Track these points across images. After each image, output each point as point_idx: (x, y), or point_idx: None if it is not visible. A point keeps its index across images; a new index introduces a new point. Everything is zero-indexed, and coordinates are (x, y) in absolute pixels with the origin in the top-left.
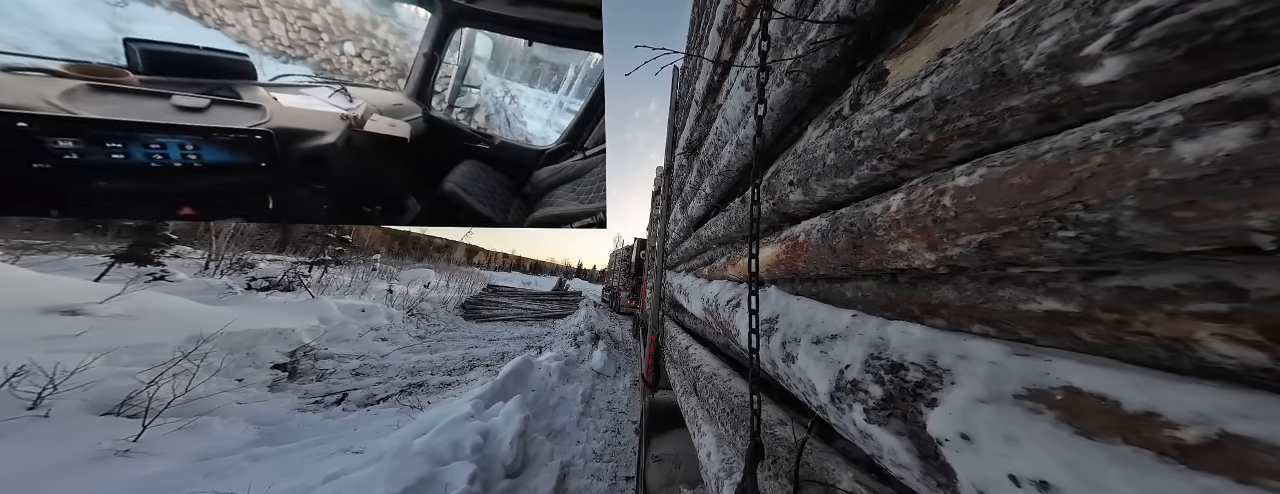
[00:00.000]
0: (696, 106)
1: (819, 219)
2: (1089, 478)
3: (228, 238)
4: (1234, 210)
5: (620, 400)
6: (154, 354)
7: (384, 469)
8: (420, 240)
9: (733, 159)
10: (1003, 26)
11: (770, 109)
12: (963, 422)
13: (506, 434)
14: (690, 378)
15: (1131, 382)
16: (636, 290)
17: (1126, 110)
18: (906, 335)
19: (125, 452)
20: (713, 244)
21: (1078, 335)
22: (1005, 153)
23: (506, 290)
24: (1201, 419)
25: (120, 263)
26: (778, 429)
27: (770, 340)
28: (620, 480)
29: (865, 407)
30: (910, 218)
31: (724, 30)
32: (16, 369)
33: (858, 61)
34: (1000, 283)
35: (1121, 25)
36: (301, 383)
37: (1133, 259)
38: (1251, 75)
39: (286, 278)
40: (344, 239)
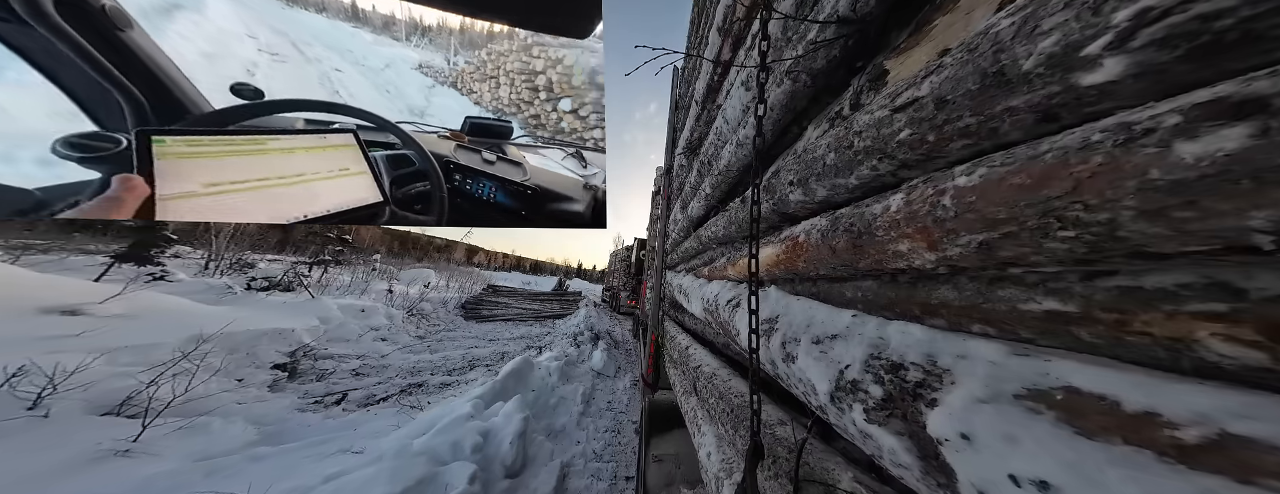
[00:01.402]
0: (696, 106)
1: (819, 219)
2: (1089, 478)
3: (227, 238)
4: (1234, 210)
5: (620, 400)
6: (154, 354)
7: (384, 469)
8: (420, 240)
9: (733, 159)
10: (1003, 26)
11: (770, 109)
12: (963, 422)
13: (506, 434)
14: (690, 378)
15: (1131, 382)
16: (636, 290)
17: (1126, 110)
18: (906, 335)
19: (125, 452)
20: (713, 244)
21: (1078, 335)
22: (1005, 153)
23: (506, 290)
24: (1201, 419)
25: (120, 263)
26: (778, 429)
27: (770, 340)
28: (620, 480)
29: (865, 407)
30: (910, 218)
31: (724, 30)
32: (16, 369)
33: (858, 61)
34: (1000, 283)
35: (1121, 25)
36: (301, 383)
37: (1133, 259)
38: (1251, 75)
39: (286, 278)
40: (344, 239)
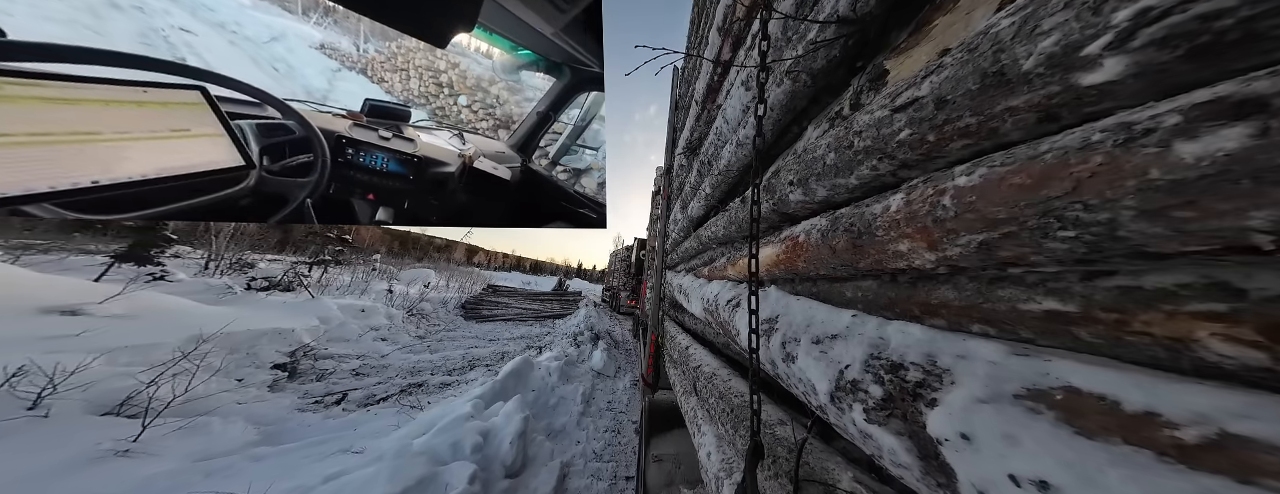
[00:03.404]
0: (696, 106)
1: (819, 219)
2: (1089, 478)
3: (227, 238)
4: (1234, 210)
5: (620, 400)
6: (154, 354)
7: (384, 469)
8: (420, 240)
9: (733, 159)
10: (1003, 26)
11: (770, 109)
12: (963, 421)
13: (506, 434)
14: (690, 378)
15: (1131, 382)
16: (636, 290)
17: (1126, 110)
18: (906, 335)
19: (125, 452)
20: (713, 244)
21: (1078, 335)
22: (1005, 153)
23: (506, 290)
24: (1201, 419)
25: (120, 263)
26: (778, 429)
27: (770, 340)
28: (620, 480)
29: (865, 407)
30: (910, 218)
31: (724, 30)
32: (16, 369)
33: (858, 61)
34: (1000, 283)
35: (1121, 25)
36: (301, 383)
37: (1133, 259)
38: (1251, 75)
39: (286, 278)
40: (344, 239)
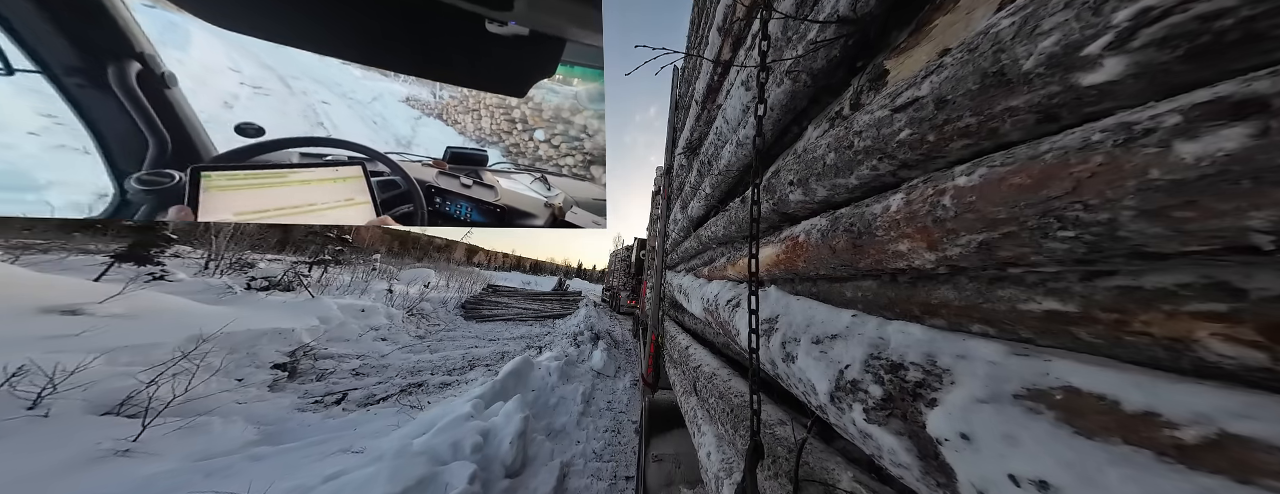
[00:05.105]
0: (696, 106)
1: (819, 219)
2: (1089, 478)
3: (227, 237)
4: (1234, 210)
5: (620, 400)
6: (154, 354)
7: (384, 469)
8: (420, 240)
9: (733, 159)
10: (1003, 26)
11: (770, 109)
12: (962, 421)
13: (506, 434)
14: (690, 378)
15: (1131, 382)
16: (636, 290)
17: (1126, 110)
18: (906, 335)
19: (125, 452)
20: (713, 244)
21: (1077, 335)
22: (1005, 153)
23: (506, 290)
24: (1201, 419)
25: (120, 263)
26: (778, 429)
27: (770, 340)
28: (620, 480)
29: (865, 406)
30: (910, 218)
31: (724, 30)
32: (16, 369)
33: (858, 61)
34: (1000, 283)
35: (1121, 25)
36: (301, 383)
37: (1132, 259)
38: (1251, 75)
39: (286, 278)
40: (344, 239)
